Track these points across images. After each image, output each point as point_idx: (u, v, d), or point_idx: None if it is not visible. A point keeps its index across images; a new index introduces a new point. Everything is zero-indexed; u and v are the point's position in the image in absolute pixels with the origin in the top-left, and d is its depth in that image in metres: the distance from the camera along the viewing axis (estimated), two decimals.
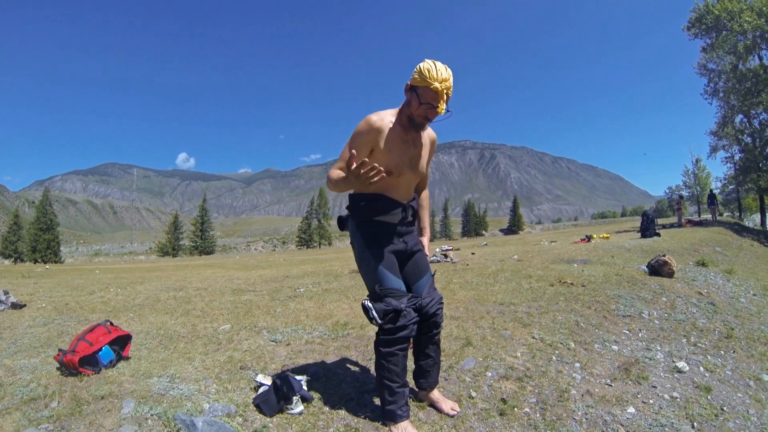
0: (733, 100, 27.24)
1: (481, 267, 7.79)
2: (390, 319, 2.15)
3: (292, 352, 3.36)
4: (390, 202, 2.29)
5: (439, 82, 2.02)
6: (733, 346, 4.05)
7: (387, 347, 2.19)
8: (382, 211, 2.28)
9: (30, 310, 5.84)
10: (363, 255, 2.29)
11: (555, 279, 5.93)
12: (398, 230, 2.34)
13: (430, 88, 2.03)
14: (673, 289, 5.82)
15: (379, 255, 2.24)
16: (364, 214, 2.32)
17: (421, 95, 2.07)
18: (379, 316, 2.15)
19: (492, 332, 3.73)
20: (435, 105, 2.06)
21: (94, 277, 12.67)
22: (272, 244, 78.70)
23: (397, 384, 2.21)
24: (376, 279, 2.22)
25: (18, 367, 3.09)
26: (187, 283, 8.72)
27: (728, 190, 34.93)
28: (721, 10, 25.18)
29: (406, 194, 2.37)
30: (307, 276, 8.68)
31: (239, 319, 4.75)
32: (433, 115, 2.12)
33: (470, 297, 5.15)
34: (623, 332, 4.07)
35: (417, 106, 2.10)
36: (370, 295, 2.25)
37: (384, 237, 2.29)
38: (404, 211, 2.34)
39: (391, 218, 2.31)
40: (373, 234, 2.29)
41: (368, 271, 2.27)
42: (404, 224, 2.37)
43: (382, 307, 2.15)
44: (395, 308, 2.14)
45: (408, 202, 2.38)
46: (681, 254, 9.63)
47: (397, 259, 2.32)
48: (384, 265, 2.22)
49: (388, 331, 2.17)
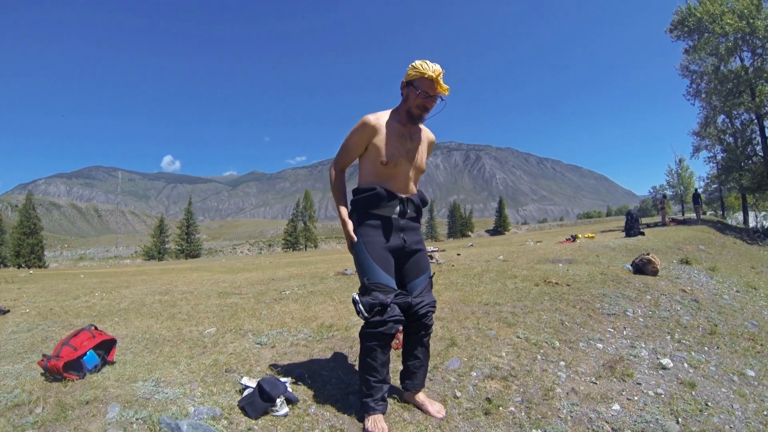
0: (715, 101, 27.63)
1: (466, 268, 7.83)
2: (376, 313, 2.19)
3: (278, 355, 3.35)
4: (387, 194, 2.31)
5: (432, 71, 2.19)
6: (716, 342, 4.10)
7: (367, 341, 2.24)
8: (380, 202, 2.31)
9: (14, 316, 5.76)
10: (358, 247, 2.31)
11: (540, 279, 5.97)
12: (399, 224, 2.37)
13: (425, 77, 2.21)
14: (657, 287, 5.88)
15: (373, 249, 2.27)
16: (363, 206, 2.35)
17: (418, 86, 2.24)
18: (365, 309, 2.18)
19: (477, 332, 3.75)
20: (431, 93, 2.24)
21: (78, 282, 12.49)
22: (258, 247, 78.37)
23: (374, 378, 2.25)
24: (365, 272, 2.26)
25: (2, 373, 3.05)
26: (172, 287, 8.63)
27: (711, 189, 35.46)
28: (703, 12, 25.54)
29: (405, 187, 2.40)
30: (292, 278, 8.64)
31: (225, 322, 4.72)
32: (431, 104, 2.27)
33: (455, 298, 5.16)
34: (608, 330, 4.11)
35: (415, 97, 2.26)
36: (359, 288, 2.29)
37: (382, 231, 2.32)
38: (403, 205, 2.38)
39: (389, 211, 2.35)
40: (371, 228, 2.32)
41: (360, 263, 2.31)
42: (404, 218, 2.40)
43: (368, 300, 2.19)
44: (381, 302, 2.17)
45: (408, 195, 2.40)
46: (665, 253, 9.75)
47: (395, 256, 2.35)
48: (375, 259, 2.26)
49: (371, 324, 2.20)
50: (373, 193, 2.31)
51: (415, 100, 2.26)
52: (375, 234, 2.31)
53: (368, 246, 2.28)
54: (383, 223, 2.34)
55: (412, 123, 2.35)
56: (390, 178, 2.34)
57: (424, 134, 2.48)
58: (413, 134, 2.40)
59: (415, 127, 2.42)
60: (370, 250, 2.27)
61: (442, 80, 2.22)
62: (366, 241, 2.29)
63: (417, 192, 2.48)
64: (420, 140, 2.44)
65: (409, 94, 2.28)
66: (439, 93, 2.25)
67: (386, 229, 2.33)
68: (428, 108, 2.30)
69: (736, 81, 25.59)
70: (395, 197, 2.34)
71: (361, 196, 2.35)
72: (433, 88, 2.23)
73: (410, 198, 2.41)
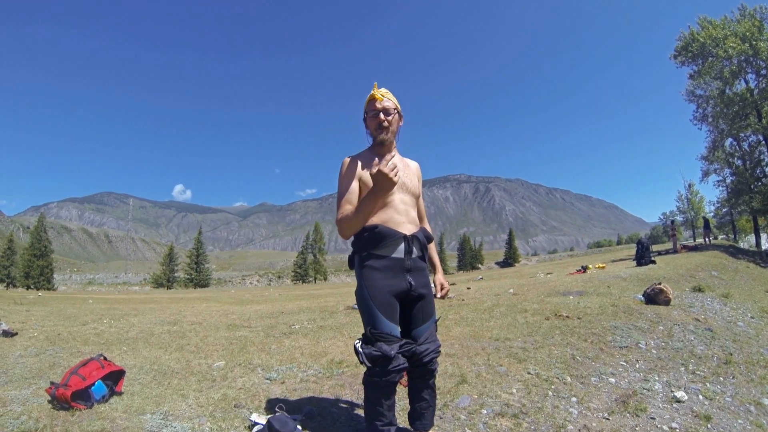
0: (722, 125, 27.64)
1: (476, 302, 7.78)
2: (378, 364, 2.12)
3: (287, 390, 3.33)
4: (391, 232, 2.22)
5: (372, 93, 2.32)
6: (732, 372, 4.00)
7: (371, 388, 2.19)
8: (383, 240, 2.22)
9: (22, 339, 5.80)
10: (362, 293, 2.23)
11: (551, 312, 5.92)
12: (404, 265, 2.26)
13: (367, 101, 2.34)
14: (669, 317, 5.79)
15: (377, 296, 2.18)
16: (365, 246, 2.25)
17: (366, 110, 2.35)
18: (368, 360, 2.12)
19: (487, 369, 3.72)
20: (373, 107, 2.31)
21: (87, 307, 12.55)
22: (267, 279, 78.44)
23: (381, 422, 2.20)
24: (370, 321, 2.19)
25: (9, 398, 3.05)
26: (181, 317, 8.65)
27: (722, 213, 35.14)
28: (706, 37, 25.83)
29: (406, 218, 2.32)
30: (302, 312, 8.63)
31: (234, 355, 4.72)
32: (381, 119, 2.30)
33: (465, 333, 5.13)
34: (620, 364, 4.04)
35: (369, 121, 2.34)
36: (362, 336, 2.22)
37: (387, 274, 2.22)
38: (408, 243, 2.27)
39: (393, 250, 2.24)
40: (374, 271, 2.21)
41: (363, 310, 2.24)
42: (411, 258, 2.29)
43: (372, 352, 2.12)
44: (385, 354, 2.10)
45: (412, 232, 2.31)
46: (677, 281, 9.63)
47: (401, 300, 2.26)
48: (379, 306, 2.16)
49: (375, 374, 2.15)
50: (375, 231, 2.21)
51: (370, 124, 2.33)
52: (379, 277, 2.20)
53: (371, 291, 2.18)
54: (388, 264, 2.23)
55: (381, 146, 2.35)
56: (388, 208, 2.26)
57: (407, 161, 2.51)
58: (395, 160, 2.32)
59: (395, 155, 2.41)
60: (374, 296, 2.17)
61: (388, 96, 2.32)
62: (369, 285, 2.19)
63: (421, 228, 2.41)
64: (405, 165, 2.46)
65: (366, 122, 2.37)
66: (377, 104, 2.30)
67: (391, 271, 2.22)
68: (383, 125, 2.30)
69: (741, 103, 25.67)
70: (399, 235, 2.24)
71: (363, 236, 2.24)
72: (373, 104, 2.30)
73: (415, 235, 2.31)
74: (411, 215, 2.36)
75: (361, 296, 2.23)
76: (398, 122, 2.39)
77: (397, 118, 2.37)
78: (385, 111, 2.30)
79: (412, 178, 2.44)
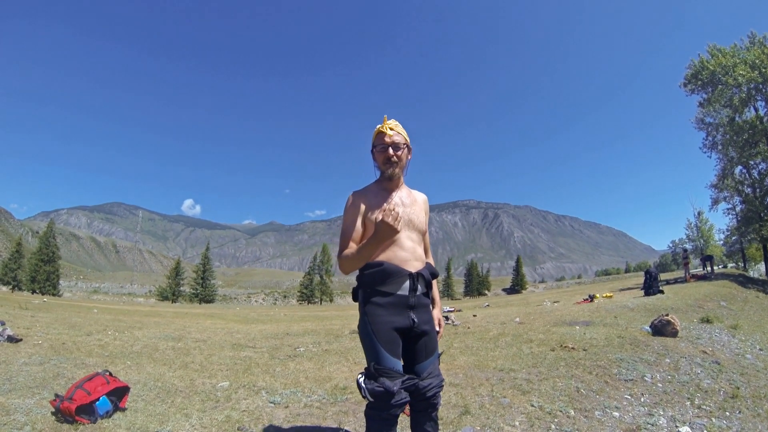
0: (731, 152, 27.54)
1: (482, 330, 7.75)
2: (381, 400, 2.11)
3: (291, 415, 3.33)
4: (396, 270, 2.21)
5: (380, 125, 2.31)
6: (738, 406, 3.94)
7: (373, 421, 2.17)
8: (388, 277, 2.21)
9: (26, 346, 5.81)
10: (365, 329, 2.22)
11: (556, 343, 5.89)
12: (408, 302, 2.24)
13: (376, 134, 2.32)
14: (676, 349, 5.74)
15: (380, 332, 2.17)
16: (370, 282, 2.23)
17: (375, 143, 2.34)
18: (370, 396, 2.10)
19: (491, 400, 3.70)
20: (382, 142, 2.29)
21: (91, 317, 12.60)
22: (273, 298, 78.24)
23: None
24: (373, 357, 2.17)
25: (13, 407, 3.07)
26: (186, 333, 8.66)
27: (731, 242, 34.80)
28: (716, 65, 25.87)
29: (412, 254, 2.30)
30: (307, 334, 8.63)
31: (238, 376, 4.72)
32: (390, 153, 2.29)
33: (470, 363, 5.11)
34: (625, 397, 4.00)
35: (377, 154, 2.33)
36: (365, 370, 2.21)
37: (390, 311, 2.20)
38: (413, 280, 2.25)
39: (397, 287, 2.22)
40: (378, 308, 2.20)
41: (367, 346, 2.22)
42: (415, 296, 2.26)
43: (374, 387, 2.10)
44: (387, 390, 2.09)
45: (418, 270, 2.28)
46: (685, 311, 9.53)
47: (403, 336, 2.25)
48: (382, 342, 2.16)
49: (377, 408, 2.14)
50: (381, 268, 2.19)
51: (378, 157, 2.31)
52: (382, 313, 2.19)
53: (374, 327, 2.17)
54: (392, 301, 2.21)
55: (389, 180, 2.33)
56: (394, 245, 2.25)
57: (415, 194, 2.47)
58: (402, 195, 2.38)
59: (402, 189, 2.41)
60: (377, 331, 2.16)
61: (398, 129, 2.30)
62: (372, 320, 2.18)
63: (427, 265, 2.39)
64: (413, 200, 2.42)
65: (374, 155, 2.35)
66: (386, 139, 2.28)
67: (395, 308, 2.21)
68: (391, 159, 2.28)
69: (751, 131, 25.59)
70: (405, 273, 2.22)
71: (368, 272, 2.22)
72: (382, 137, 2.29)
73: (420, 273, 2.29)
74: (417, 252, 2.35)
75: (365, 332, 2.23)
76: (407, 156, 2.38)
77: (407, 152, 2.36)
78: (395, 146, 2.29)
79: (419, 213, 2.41)
